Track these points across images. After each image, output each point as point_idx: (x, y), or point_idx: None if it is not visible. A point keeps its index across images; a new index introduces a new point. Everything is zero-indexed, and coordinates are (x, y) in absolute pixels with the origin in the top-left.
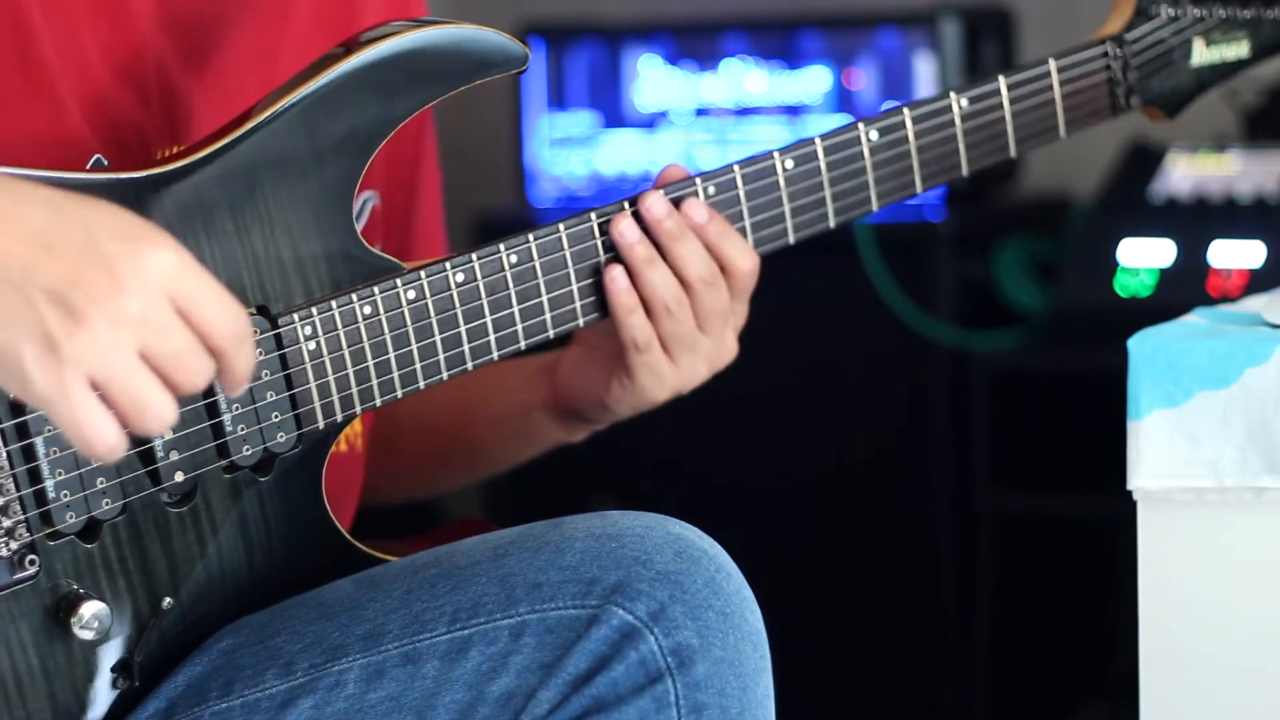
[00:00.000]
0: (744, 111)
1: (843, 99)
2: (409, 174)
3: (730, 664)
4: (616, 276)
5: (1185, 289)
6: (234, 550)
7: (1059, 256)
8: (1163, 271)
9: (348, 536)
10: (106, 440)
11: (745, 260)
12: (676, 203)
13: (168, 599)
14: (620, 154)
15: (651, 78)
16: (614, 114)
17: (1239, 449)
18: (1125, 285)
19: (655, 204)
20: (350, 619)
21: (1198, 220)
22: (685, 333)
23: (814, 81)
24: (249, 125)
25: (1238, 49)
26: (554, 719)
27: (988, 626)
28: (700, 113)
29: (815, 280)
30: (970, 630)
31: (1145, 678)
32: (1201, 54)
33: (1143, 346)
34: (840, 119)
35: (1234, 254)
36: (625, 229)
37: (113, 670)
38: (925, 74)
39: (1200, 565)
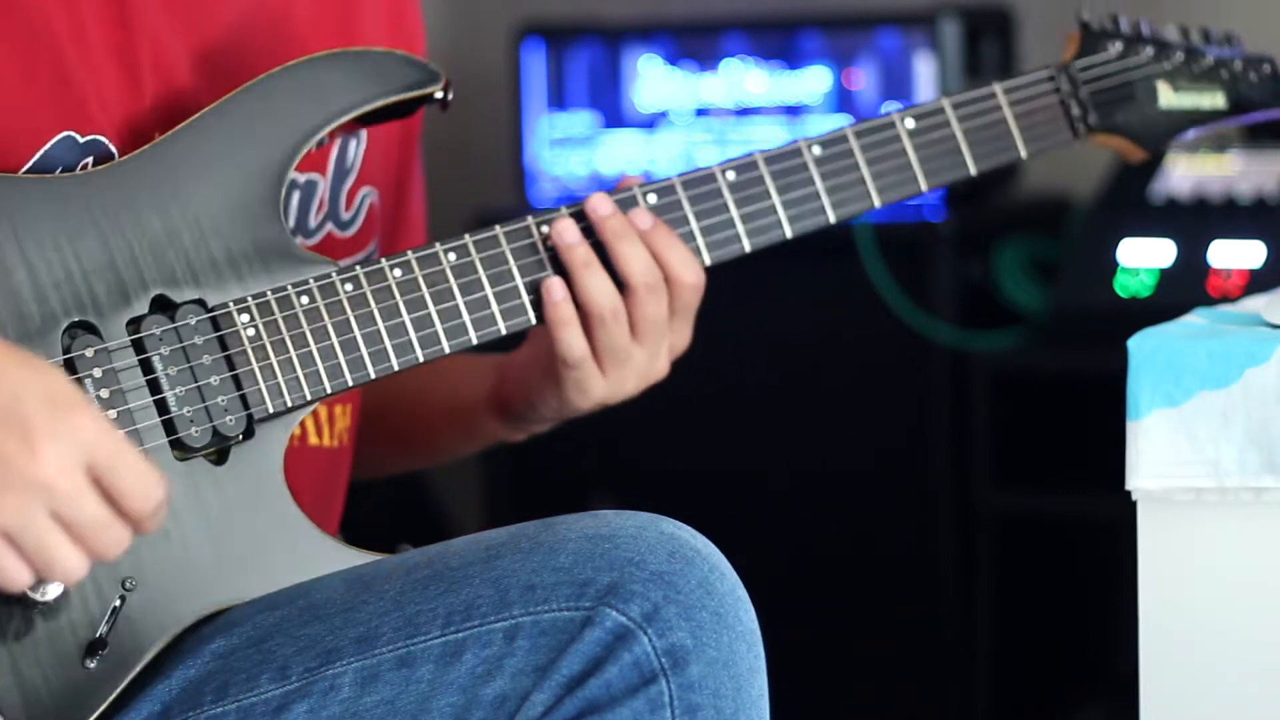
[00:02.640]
0: (744, 112)
1: (843, 99)
2: (396, 178)
3: (724, 664)
4: (553, 287)
5: (1185, 289)
6: (195, 535)
7: (1059, 256)
8: (1163, 271)
9: (315, 527)
10: (18, 582)
11: (689, 272)
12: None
13: (130, 578)
14: (620, 154)
15: (651, 78)
16: (614, 114)
17: (1239, 449)
18: (1125, 285)
19: (600, 203)
20: (343, 621)
21: (1198, 220)
22: (620, 346)
23: (814, 81)
24: (173, 130)
25: (1213, 100)
26: None
27: (988, 626)
28: (700, 113)
29: (815, 280)
30: (970, 630)
31: (1145, 678)
32: (1169, 98)
33: (1143, 346)
34: (840, 119)
35: (1234, 254)
36: (564, 229)
37: (81, 650)
38: (925, 74)
39: (1200, 565)
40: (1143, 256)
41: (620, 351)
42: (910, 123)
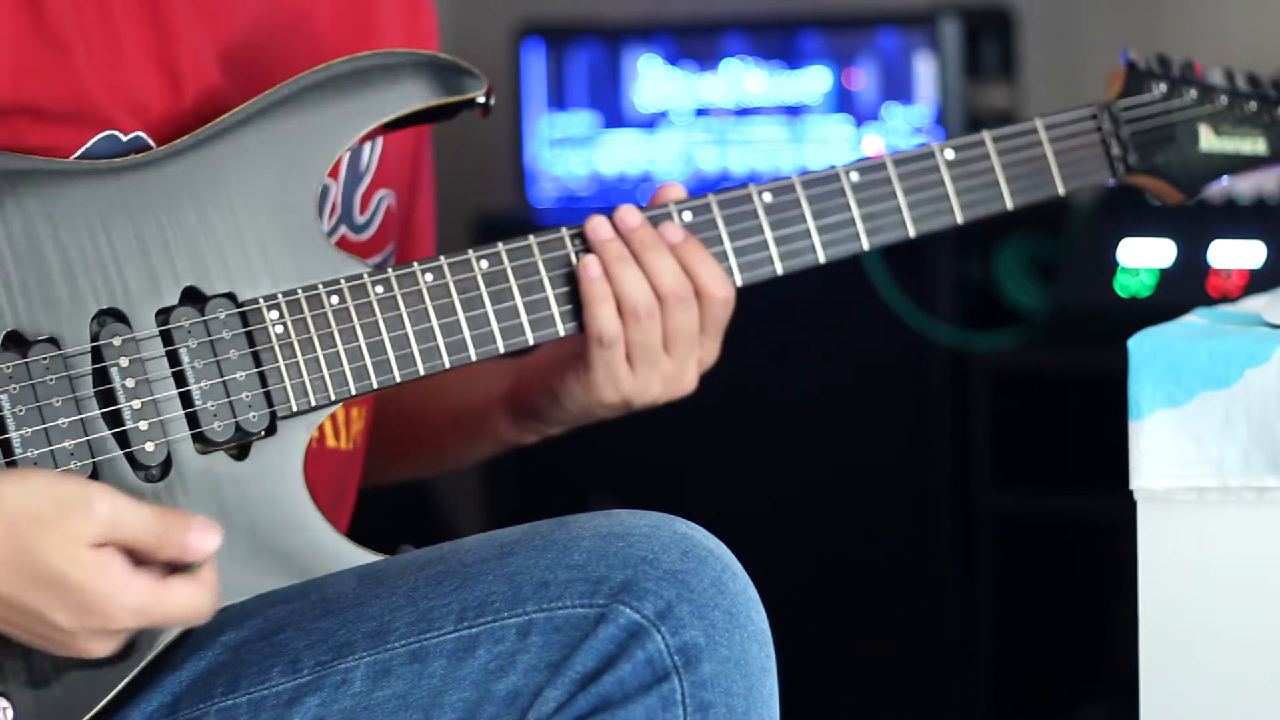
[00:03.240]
0: (744, 111)
1: (843, 99)
2: (410, 181)
3: (736, 663)
4: (589, 264)
5: (1185, 289)
6: None
7: (1059, 256)
8: (1163, 271)
9: (331, 527)
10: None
11: (719, 286)
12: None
13: None
14: (620, 154)
15: (651, 78)
16: (614, 114)
17: (1243, 449)
18: (1125, 285)
19: (629, 214)
20: (356, 616)
21: (1198, 220)
22: (651, 345)
23: (814, 81)
24: (211, 125)
25: (1254, 145)
26: (561, 717)
27: (988, 626)
28: (700, 113)
29: (815, 280)
30: (970, 630)
31: (1145, 678)
32: (1210, 141)
33: (1143, 346)
34: (840, 119)
35: (1234, 254)
36: (598, 225)
37: None
38: (925, 74)
39: (1201, 565)
40: (1143, 256)
41: (651, 350)
42: (950, 154)
